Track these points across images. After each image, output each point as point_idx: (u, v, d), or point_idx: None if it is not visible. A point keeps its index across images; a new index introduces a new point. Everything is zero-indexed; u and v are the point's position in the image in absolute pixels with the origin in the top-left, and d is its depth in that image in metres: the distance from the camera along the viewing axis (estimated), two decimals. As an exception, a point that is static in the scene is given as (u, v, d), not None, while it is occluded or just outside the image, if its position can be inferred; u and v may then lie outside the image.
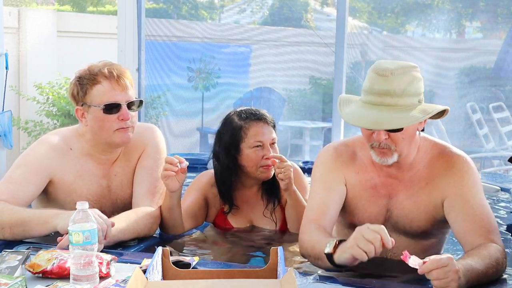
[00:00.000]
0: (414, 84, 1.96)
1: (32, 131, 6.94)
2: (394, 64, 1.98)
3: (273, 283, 1.61)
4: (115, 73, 2.29)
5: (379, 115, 1.94)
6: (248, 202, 2.63)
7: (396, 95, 1.93)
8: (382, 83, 1.95)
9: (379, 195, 2.15)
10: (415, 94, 1.96)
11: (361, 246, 1.73)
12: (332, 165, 2.19)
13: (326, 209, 2.13)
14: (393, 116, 1.93)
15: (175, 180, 2.32)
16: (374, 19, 7.95)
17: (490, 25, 7.60)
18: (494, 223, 2.01)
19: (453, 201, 2.04)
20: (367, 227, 1.76)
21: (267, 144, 2.51)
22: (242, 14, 7.89)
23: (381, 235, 1.73)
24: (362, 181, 2.17)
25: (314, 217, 2.12)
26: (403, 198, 2.13)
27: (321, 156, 2.25)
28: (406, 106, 1.94)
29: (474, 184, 2.05)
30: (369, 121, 1.97)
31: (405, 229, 2.15)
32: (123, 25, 5.17)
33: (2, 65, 4.60)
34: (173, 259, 1.79)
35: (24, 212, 2.16)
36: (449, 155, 2.10)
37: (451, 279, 1.67)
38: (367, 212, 2.17)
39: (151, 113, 6.71)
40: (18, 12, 7.26)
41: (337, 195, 2.17)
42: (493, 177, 3.83)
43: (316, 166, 2.25)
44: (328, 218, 2.13)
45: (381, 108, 1.95)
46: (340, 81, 4.88)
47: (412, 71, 1.97)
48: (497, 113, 6.95)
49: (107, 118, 2.30)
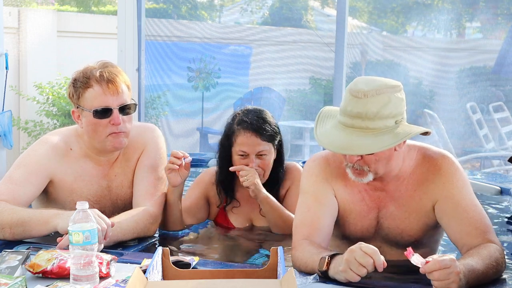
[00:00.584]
0: (389, 106, 1.87)
1: (32, 131, 6.95)
2: (370, 85, 1.89)
3: (273, 283, 1.61)
4: (106, 77, 2.25)
5: (348, 139, 1.89)
6: (248, 201, 2.64)
7: (367, 118, 1.87)
8: (354, 105, 1.88)
9: (369, 208, 2.12)
10: (389, 116, 1.88)
11: (354, 270, 1.72)
12: (321, 175, 2.13)
13: (319, 225, 2.06)
14: (363, 141, 1.87)
15: (177, 174, 2.39)
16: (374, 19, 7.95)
17: (490, 25, 7.60)
18: (488, 222, 1.99)
19: (444, 205, 2.01)
20: (359, 248, 1.73)
21: (251, 155, 2.51)
22: (242, 14, 7.89)
23: (374, 258, 1.71)
24: (351, 194, 2.12)
25: (306, 234, 2.04)
26: (393, 209, 2.10)
27: (309, 167, 2.18)
28: (378, 129, 1.87)
29: (463, 184, 2.02)
30: (338, 145, 1.91)
31: (396, 240, 2.13)
32: (123, 25, 5.17)
33: (2, 65, 4.60)
34: (173, 259, 1.79)
35: (24, 212, 2.16)
36: (433, 158, 2.06)
37: (452, 281, 1.67)
38: (358, 225, 2.14)
39: (151, 113, 6.71)
40: (18, 12, 7.26)
41: (329, 209, 2.10)
42: (493, 177, 3.83)
43: (304, 177, 2.17)
44: (323, 234, 2.06)
45: (352, 131, 1.89)
46: (340, 81, 4.89)
47: (390, 92, 1.88)
48: (497, 113, 6.94)
49: (99, 123, 2.28)
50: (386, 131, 1.88)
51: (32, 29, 7.31)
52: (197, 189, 2.67)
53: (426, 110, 6.71)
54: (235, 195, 2.66)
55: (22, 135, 7.07)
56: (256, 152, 2.52)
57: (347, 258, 1.74)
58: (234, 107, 6.96)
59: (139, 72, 5.28)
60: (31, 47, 7.30)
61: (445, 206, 2.01)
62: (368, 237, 2.15)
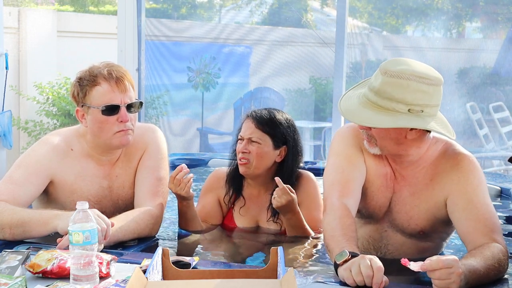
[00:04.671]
0: (404, 92, 1.89)
1: (32, 131, 6.95)
2: (398, 67, 1.92)
3: (273, 283, 1.61)
4: (114, 75, 2.28)
5: (356, 107, 1.97)
6: (256, 203, 2.65)
7: (379, 95, 1.92)
8: (375, 79, 1.95)
9: (387, 186, 2.15)
10: (402, 102, 1.90)
11: (352, 273, 1.73)
12: (352, 141, 2.17)
13: (352, 187, 2.09)
14: (366, 113, 1.94)
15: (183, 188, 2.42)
16: (374, 19, 7.94)
17: (490, 25, 7.59)
18: (497, 222, 2.00)
19: (456, 200, 2.03)
20: (369, 259, 1.73)
21: (244, 139, 2.57)
22: (242, 14, 7.88)
23: (374, 274, 1.71)
24: (377, 165, 2.15)
25: (339, 195, 2.06)
26: (406, 194, 2.13)
27: (342, 131, 2.23)
28: (386, 109, 1.92)
29: (478, 183, 2.04)
30: (345, 108, 2.01)
31: (403, 227, 2.15)
32: (123, 25, 5.17)
33: (2, 65, 4.60)
34: (173, 259, 1.79)
35: (24, 212, 2.16)
36: (455, 153, 2.09)
37: (453, 281, 1.67)
38: (373, 200, 2.17)
39: (151, 113, 6.71)
40: (18, 12, 7.26)
41: (360, 173, 2.13)
42: (493, 177, 3.82)
43: (337, 141, 2.21)
44: (354, 197, 2.08)
45: (365, 102, 1.96)
46: (340, 81, 4.89)
47: (413, 80, 1.89)
48: (497, 113, 6.93)
49: (106, 120, 2.29)
50: (392, 113, 1.91)
51: (32, 29, 7.31)
52: (210, 196, 2.69)
53: (426, 110, 6.69)
54: (242, 192, 2.67)
55: (22, 135, 7.07)
56: (248, 136, 2.55)
57: (354, 260, 1.76)
58: (234, 107, 6.96)
59: (139, 72, 5.29)
60: (31, 47, 7.31)
61: (458, 201, 2.02)
62: (377, 217, 2.19)
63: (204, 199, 2.68)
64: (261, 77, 7.24)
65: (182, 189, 2.39)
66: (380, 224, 2.21)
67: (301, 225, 2.48)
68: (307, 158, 6.57)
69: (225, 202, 2.67)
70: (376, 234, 2.22)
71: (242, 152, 2.55)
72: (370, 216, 2.21)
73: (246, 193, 2.67)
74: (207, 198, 2.68)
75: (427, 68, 1.97)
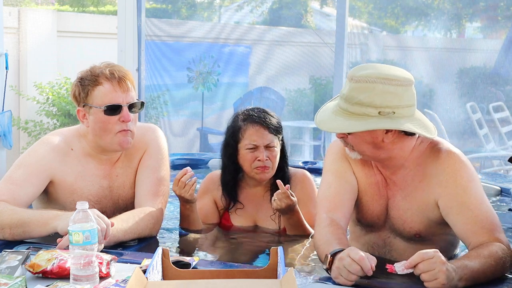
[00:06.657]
0: (371, 95, 1.89)
1: (32, 131, 6.95)
2: (364, 71, 1.93)
3: (273, 283, 1.61)
4: (116, 75, 2.28)
5: (328, 116, 2.00)
6: (253, 202, 2.65)
7: (348, 102, 1.93)
8: (345, 86, 1.97)
9: (380, 194, 2.15)
10: (370, 105, 1.89)
11: (344, 277, 1.77)
12: (340, 153, 2.19)
13: (340, 201, 2.12)
14: (337, 121, 1.96)
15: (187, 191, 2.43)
16: (374, 19, 7.94)
17: (490, 25, 7.59)
18: (495, 220, 1.96)
19: (449, 203, 2.00)
20: (348, 255, 1.76)
21: (261, 147, 2.53)
22: (241, 14, 7.87)
23: (361, 265, 1.74)
24: (367, 174, 2.16)
25: (327, 209, 2.10)
26: (399, 199, 2.12)
27: (331, 147, 2.26)
28: (356, 114, 1.92)
29: (468, 182, 1.99)
30: (319, 119, 2.04)
31: (400, 231, 2.15)
32: (123, 25, 5.17)
33: (2, 65, 4.61)
34: (173, 259, 1.79)
35: (24, 213, 2.15)
36: (440, 152, 2.04)
37: (438, 270, 1.68)
38: (370, 209, 2.17)
39: (151, 113, 6.71)
40: (18, 12, 7.26)
41: (349, 185, 2.15)
42: (493, 177, 3.82)
43: (326, 158, 2.25)
44: (343, 209, 2.11)
45: (337, 110, 1.98)
46: (340, 81, 4.89)
47: (379, 83, 1.89)
48: (497, 113, 6.94)
49: (108, 120, 2.29)
50: (362, 117, 1.91)
51: (32, 29, 7.31)
52: (203, 196, 2.70)
53: (426, 110, 6.71)
54: (238, 197, 2.66)
55: (22, 135, 7.07)
56: (265, 144, 2.53)
57: (337, 266, 1.78)
58: (234, 107, 6.96)
59: (139, 72, 5.29)
60: (31, 47, 7.31)
61: (450, 204, 2.00)
62: (379, 225, 2.19)
63: (201, 201, 2.68)
64: (261, 77, 7.25)
65: (186, 192, 2.39)
66: (382, 231, 2.21)
67: (301, 224, 2.50)
68: (307, 158, 6.57)
69: (222, 202, 2.67)
70: (380, 241, 2.22)
71: (265, 160, 2.53)
72: (371, 225, 2.21)
73: (243, 194, 2.67)
74: (203, 200, 2.68)
75: (395, 70, 1.96)
